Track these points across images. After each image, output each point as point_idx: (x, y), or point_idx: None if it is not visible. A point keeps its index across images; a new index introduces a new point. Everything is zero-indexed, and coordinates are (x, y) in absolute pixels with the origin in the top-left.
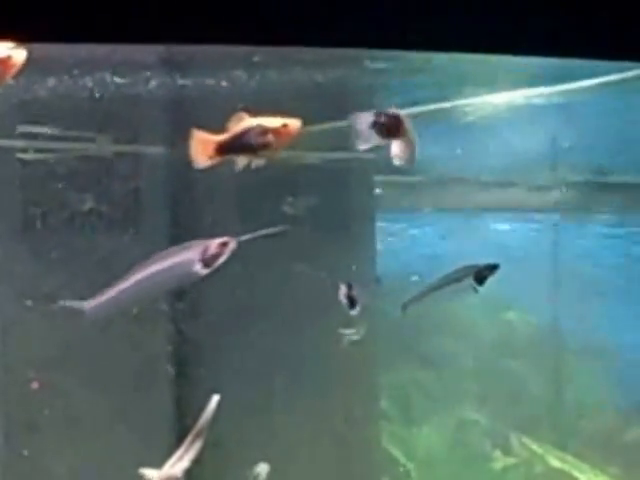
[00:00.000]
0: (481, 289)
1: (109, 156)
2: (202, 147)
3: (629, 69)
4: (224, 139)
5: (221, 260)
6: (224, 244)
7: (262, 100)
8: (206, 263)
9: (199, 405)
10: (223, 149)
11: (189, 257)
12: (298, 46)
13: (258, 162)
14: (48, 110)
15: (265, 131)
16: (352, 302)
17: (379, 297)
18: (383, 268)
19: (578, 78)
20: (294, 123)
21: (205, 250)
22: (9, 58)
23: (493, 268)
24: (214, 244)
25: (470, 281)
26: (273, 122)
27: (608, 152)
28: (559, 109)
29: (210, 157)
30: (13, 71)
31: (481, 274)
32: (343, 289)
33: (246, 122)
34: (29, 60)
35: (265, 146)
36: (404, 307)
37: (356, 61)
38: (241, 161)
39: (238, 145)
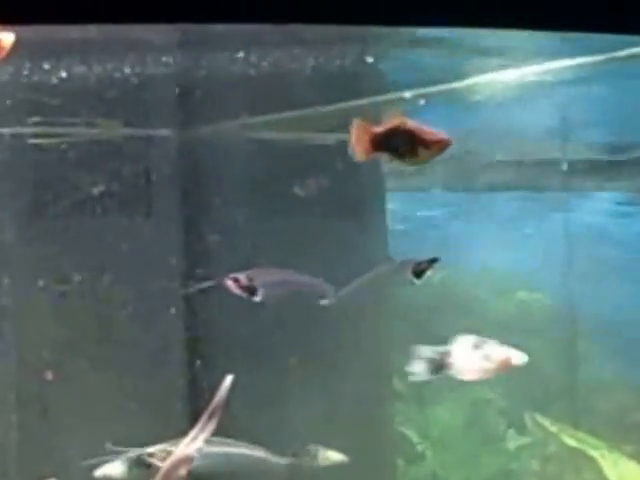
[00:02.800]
0: (495, 268)
1: (119, 140)
2: (360, 137)
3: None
4: (379, 133)
5: None
6: None
7: (273, 81)
8: None
9: (213, 386)
10: (377, 144)
11: None
12: (308, 24)
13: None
14: (58, 95)
15: (414, 138)
16: (251, 291)
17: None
18: (395, 249)
19: (588, 53)
20: (444, 137)
21: None
22: None
23: (432, 262)
24: None
25: (408, 275)
26: (426, 132)
27: (619, 128)
28: (569, 85)
29: (366, 150)
30: (2, 55)
31: (419, 269)
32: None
33: (400, 122)
34: (38, 44)
35: (413, 153)
36: (334, 297)
37: (368, 40)
38: (389, 160)
39: (388, 143)
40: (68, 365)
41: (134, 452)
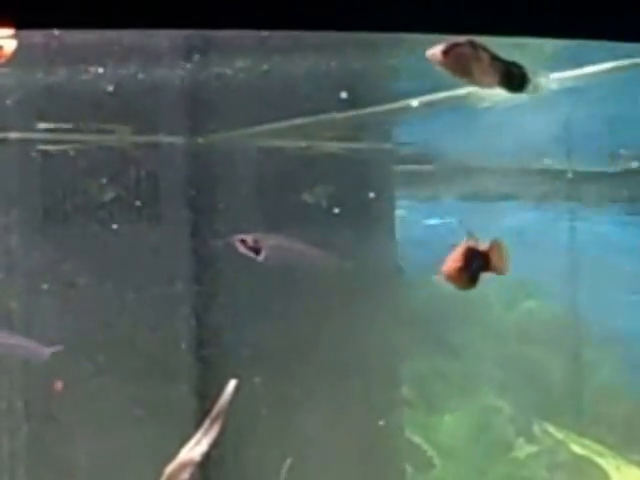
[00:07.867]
0: (503, 277)
1: (128, 146)
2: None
3: None
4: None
5: None
6: None
7: (278, 88)
8: None
9: (219, 391)
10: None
11: None
12: (311, 31)
13: None
14: (68, 102)
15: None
16: (256, 251)
17: (401, 286)
18: (402, 256)
19: (593, 62)
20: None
21: None
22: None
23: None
24: None
25: None
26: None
27: (625, 138)
28: (574, 94)
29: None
30: (2, 61)
31: None
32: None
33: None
34: (48, 49)
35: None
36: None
37: (373, 48)
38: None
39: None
40: (75, 371)
41: None
